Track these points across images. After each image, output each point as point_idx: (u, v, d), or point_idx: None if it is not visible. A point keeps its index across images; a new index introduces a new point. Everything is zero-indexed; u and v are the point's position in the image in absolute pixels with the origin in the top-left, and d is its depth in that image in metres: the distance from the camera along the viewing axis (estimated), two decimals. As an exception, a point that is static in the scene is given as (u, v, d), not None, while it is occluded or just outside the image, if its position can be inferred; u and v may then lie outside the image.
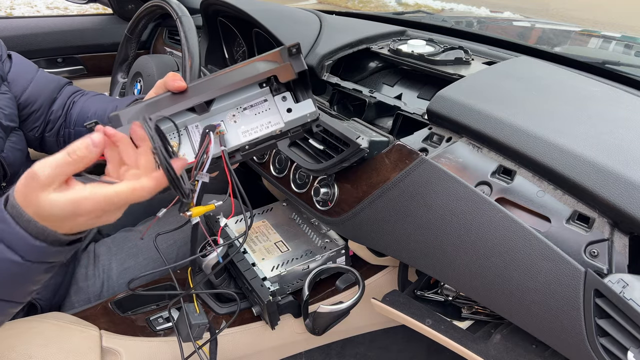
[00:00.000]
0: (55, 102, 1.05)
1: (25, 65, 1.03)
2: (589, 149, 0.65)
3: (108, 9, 1.88)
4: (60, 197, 0.53)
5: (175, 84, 0.62)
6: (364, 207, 0.85)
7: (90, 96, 1.08)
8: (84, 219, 0.54)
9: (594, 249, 0.62)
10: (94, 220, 0.55)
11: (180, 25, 1.08)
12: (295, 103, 0.68)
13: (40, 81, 1.03)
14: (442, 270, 0.78)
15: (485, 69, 0.94)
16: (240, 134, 0.69)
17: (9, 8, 5.51)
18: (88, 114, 1.03)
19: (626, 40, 1.55)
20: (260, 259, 1.05)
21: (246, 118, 0.69)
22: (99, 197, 0.53)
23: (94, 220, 0.55)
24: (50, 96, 1.04)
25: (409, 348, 1.26)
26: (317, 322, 0.94)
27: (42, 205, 0.53)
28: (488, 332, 0.88)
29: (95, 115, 1.02)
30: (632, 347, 0.57)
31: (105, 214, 0.55)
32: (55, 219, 0.54)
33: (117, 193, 0.53)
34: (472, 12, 4.37)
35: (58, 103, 1.05)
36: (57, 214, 0.53)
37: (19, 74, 1.00)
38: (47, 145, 1.08)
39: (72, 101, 1.07)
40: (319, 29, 1.21)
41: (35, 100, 1.01)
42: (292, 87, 0.67)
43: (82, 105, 1.05)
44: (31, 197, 0.53)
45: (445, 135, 0.81)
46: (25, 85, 1.00)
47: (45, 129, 1.05)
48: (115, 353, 0.91)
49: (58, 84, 1.07)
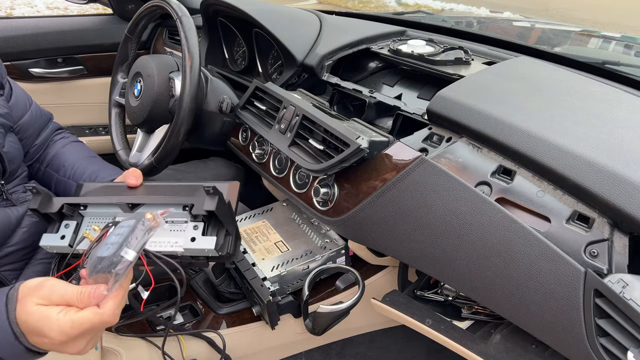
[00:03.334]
0: (40, 135, 1.06)
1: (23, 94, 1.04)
2: (589, 149, 0.65)
3: (108, 9, 1.88)
4: (37, 309, 0.57)
5: (129, 180, 0.74)
6: (364, 207, 0.85)
7: (69, 142, 1.09)
8: (48, 341, 0.57)
9: (593, 249, 0.62)
10: (58, 346, 0.57)
11: (180, 25, 1.08)
12: (201, 235, 0.73)
13: (35, 112, 1.04)
14: (442, 270, 0.78)
15: (485, 69, 0.94)
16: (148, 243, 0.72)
17: (9, 8, 5.51)
18: (65, 163, 1.04)
19: (626, 40, 1.55)
20: (260, 259, 1.05)
21: (161, 230, 0.74)
22: (64, 320, 0.56)
23: (58, 346, 0.57)
24: (39, 128, 1.05)
25: (409, 348, 1.26)
26: (317, 322, 0.94)
27: (23, 309, 0.57)
28: (488, 332, 0.88)
29: (66, 167, 1.03)
30: (632, 347, 0.57)
31: (72, 342, 0.57)
32: (25, 327, 0.57)
33: (80, 318, 0.56)
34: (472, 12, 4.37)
35: (42, 137, 1.06)
36: (28, 319, 0.57)
37: (18, 101, 1.01)
38: None
39: (51, 139, 1.08)
40: (319, 29, 1.21)
41: (26, 130, 1.02)
42: (207, 220, 0.73)
43: (59, 151, 1.06)
44: (25, 301, 0.58)
45: (445, 135, 0.81)
46: (21, 114, 1.00)
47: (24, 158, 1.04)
48: (115, 353, 0.91)
49: (47, 118, 1.08)
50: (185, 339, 0.98)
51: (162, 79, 1.16)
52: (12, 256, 0.86)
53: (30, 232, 0.88)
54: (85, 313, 0.56)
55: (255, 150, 1.11)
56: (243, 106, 1.14)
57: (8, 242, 0.86)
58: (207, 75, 1.19)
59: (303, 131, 0.96)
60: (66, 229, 0.74)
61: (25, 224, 0.88)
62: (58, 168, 1.03)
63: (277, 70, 1.36)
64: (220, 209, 0.71)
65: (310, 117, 0.94)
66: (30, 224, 0.89)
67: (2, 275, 0.85)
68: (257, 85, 1.12)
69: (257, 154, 1.10)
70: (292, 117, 0.98)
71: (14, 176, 0.92)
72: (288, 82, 1.18)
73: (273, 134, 1.02)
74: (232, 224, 0.77)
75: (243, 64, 1.44)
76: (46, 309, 0.57)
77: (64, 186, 1.02)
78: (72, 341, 0.57)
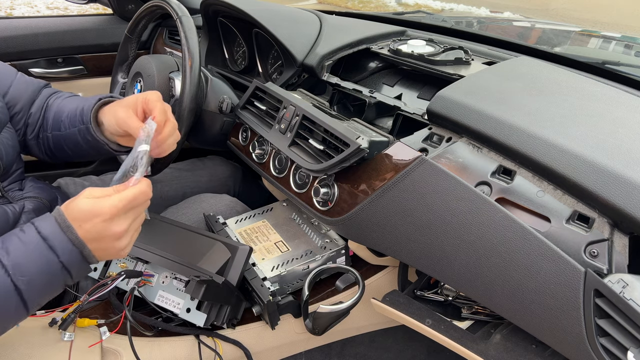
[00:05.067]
0: (34, 104, 1.04)
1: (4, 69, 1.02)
2: (589, 149, 0.65)
3: (108, 9, 1.88)
4: (87, 200, 0.67)
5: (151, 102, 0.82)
6: (364, 207, 0.85)
7: (64, 98, 1.07)
8: (99, 221, 0.66)
9: (593, 249, 0.62)
10: (105, 224, 0.66)
11: (180, 25, 1.08)
12: (195, 309, 0.87)
13: (20, 85, 1.02)
14: (442, 270, 0.78)
15: (485, 69, 0.94)
16: (157, 295, 0.93)
17: (9, 8, 5.51)
18: (62, 117, 1.02)
19: (626, 40, 1.55)
20: (260, 259, 1.05)
21: (169, 287, 0.93)
22: (110, 200, 0.66)
23: (105, 224, 0.66)
24: (30, 99, 1.03)
25: (409, 348, 1.26)
26: (317, 322, 0.94)
27: (73, 204, 0.67)
28: (488, 332, 0.88)
29: (67, 117, 1.00)
30: (632, 347, 0.57)
31: (122, 217, 0.68)
32: (77, 217, 0.66)
33: (125, 192, 0.67)
34: (472, 12, 4.37)
35: (36, 105, 1.04)
36: (80, 208, 0.66)
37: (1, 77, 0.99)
38: (30, 149, 1.07)
39: (47, 104, 1.06)
40: (319, 29, 1.21)
41: (15, 103, 1.00)
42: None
43: (56, 109, 1.04)
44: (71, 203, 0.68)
45: (445, 135, 0.81)
46: (5, 89, 0.99)
47: (26, 132, 1.03)
48: (115, 353, 0.91)
49: (37, 86, 1.06)
50: (185, 339, 0.98)
51: (162, 79, 1.16)
52: None
53: None
54: (127, 189, 0.68)
55: (255, 150, 1.11)
56: (243, 106, 1.14)
57: None
58: (207, 75, 1.19)
59: (303, 131, 0.96)
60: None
61: (23, 221, 0.88)
62: (59, 125, 1.01)
63: (277, 70, 1.36)
64: (207, 295, 0.82)
65: (310, 117, 0.94)
66: (28, 221, 0.89)
67: None
68: (257, 85, 1.12)
69: (257, 154, 1.10)
70: (292, 117, 0.98)
71: (9, 173, 0.92)
72: (288, 82, 1.18)
73: (273, 134, 1.02)
74: (228, 299, 0.91)
75: (243, 64, 1.44)
76: (94, 198, 0.67)
77: (70, 139, 1.00)
78: (121, 217, 0.67)
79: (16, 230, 0.68)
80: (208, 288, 0.77)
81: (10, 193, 0.91)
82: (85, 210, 0.66)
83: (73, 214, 0.67)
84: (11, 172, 0.93)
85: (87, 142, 0.95)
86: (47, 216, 0.68)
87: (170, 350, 0.96)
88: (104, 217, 0.66)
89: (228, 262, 0.92)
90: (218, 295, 0.85)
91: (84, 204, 0.66)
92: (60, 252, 0.66)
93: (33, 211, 0.90)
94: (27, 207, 0.90)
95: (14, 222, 0.87)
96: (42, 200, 0.93)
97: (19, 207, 0.88)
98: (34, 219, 0.70)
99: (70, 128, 0.98)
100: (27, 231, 0.67)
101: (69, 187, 1.22)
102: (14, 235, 0.67)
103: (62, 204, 0.69)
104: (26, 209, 0.90)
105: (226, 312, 0.91)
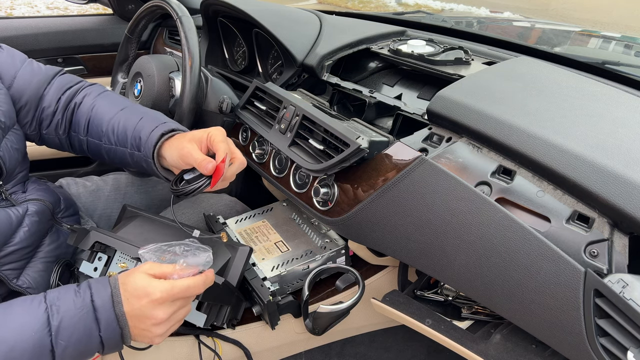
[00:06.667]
0: (44, 98, 0.98)
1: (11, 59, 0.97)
2: (589, 149, 0.65)
3: (108, 9, 1.88)
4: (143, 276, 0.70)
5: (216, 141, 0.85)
6: (364, 207, 0.85)
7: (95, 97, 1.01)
8: (147, 302, 0.68)
9: (593, 249, 0.62)
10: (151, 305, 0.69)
11: (180, 25, 1.08)
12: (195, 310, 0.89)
13: (25, 75, 0.96)
14: (442, 270, 0.78)
15: (485, 69, 0.94)
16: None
17: (9, 8, 5.51)
18: (102, 128, 0.96)
19: (626, 40, 1.55)
20: (260, 259, 1.05)
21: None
22: (164, 284, 0.69)
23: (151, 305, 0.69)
24: (36, 91, 0.97)
25: (409, 348, 1.26)
26: (317, 322, 0.94)
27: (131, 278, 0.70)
28: (488, 332, 0.88)
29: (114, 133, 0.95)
30: (632, 347, 0.57)
31: (169, 303, 0.70)
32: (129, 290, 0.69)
33: (179, 281, 0.71)
34: (472, 12, 4.37)
35: (49, 99, 0.98)
36: (135, 285, 0.69)
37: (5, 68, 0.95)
38: (47, 141, 1.03)
39: (74, 103, 1.00)
40: (319, 29, 1.21)
41: (20, 96, 0.95)
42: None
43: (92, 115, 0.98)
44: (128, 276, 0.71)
45: (445, 135, 0.81)
46: (10, 82, 0.94)
47: (40, 126, 0.99)
48: (115, 353, 0.91)
49: (44, 77, 0.99)
50: (185, 339, 0.98)
51: (162, 79, 1.16)
52: (14, 255, 0.86)
53: (32, 232, 0.88)
54: (185, 280, 0.71)
55: (255, 150, 1.11)
56: (243, 106, 1.14)
57: (10, 241, 0.86)
58: (207, 75, 1.19)
59: (303, 131, 0.96)
60: (99, 262, 0.88)
61: (26, 223, 0.88)
62: (99, 136, 0.97)
63: (277, 70, 1.36)
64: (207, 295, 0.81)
65: (310, 117, 0.94)
66: (31, 224, 0.89)
67: (4, 274, 0.85)
68: (257, 85, 1.12)
69: (257, 154, 1.10)
70: (292, 117, 0.98)
71: (12, 176, 0.91)
72: (288, 82, 1.18)
73: (273, 134, 1.02)
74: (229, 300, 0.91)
75: (243, 64, 1.44)
76: (150, 277, 0.70)
77: (114, 153, 0.97)
78: (168, 303, 0.69)
79: (74, 286, 0.71)
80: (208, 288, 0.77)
81: (14, 196, 0.90)
82: (139, 287, 0.69)
83: (126, 287, 0.69)
84: (15, 175, 0.92)
85: (137, 164, 0.95)
86: (105, 283, 0.70)
87: (170, 350, 0.96)
88: (153, 298, 0.68)
89: (228, 262, 0.92)
90: (218, 295, 0.85)
91: (140, 280, 0.69)
92: (104, 327, 0.68)
93: (36, 214, 0.90)
94: (30, 209, 0.90)
95: (17, 225, 0.87)
96: (45, 203, 0.93)
97: (22, 210, 0.88)
98: (93, 279, 0.72)
99: (117, 146, 0.96)
100: (82, 293, 0.69)
101: (71, 187, 1.22)
102: (71, 290, 0.70)
103: (121, 274, 0.72)
104: (29, 211, 0.89)
105: (226, 312, 0.91)
